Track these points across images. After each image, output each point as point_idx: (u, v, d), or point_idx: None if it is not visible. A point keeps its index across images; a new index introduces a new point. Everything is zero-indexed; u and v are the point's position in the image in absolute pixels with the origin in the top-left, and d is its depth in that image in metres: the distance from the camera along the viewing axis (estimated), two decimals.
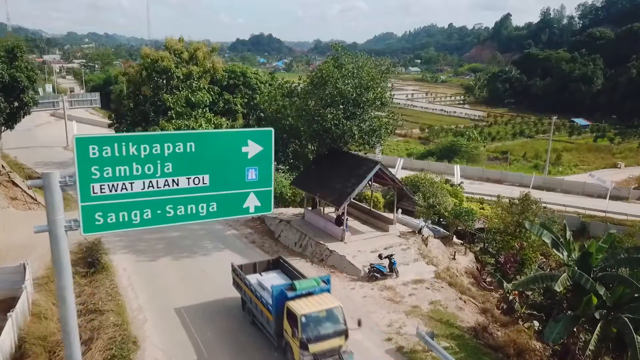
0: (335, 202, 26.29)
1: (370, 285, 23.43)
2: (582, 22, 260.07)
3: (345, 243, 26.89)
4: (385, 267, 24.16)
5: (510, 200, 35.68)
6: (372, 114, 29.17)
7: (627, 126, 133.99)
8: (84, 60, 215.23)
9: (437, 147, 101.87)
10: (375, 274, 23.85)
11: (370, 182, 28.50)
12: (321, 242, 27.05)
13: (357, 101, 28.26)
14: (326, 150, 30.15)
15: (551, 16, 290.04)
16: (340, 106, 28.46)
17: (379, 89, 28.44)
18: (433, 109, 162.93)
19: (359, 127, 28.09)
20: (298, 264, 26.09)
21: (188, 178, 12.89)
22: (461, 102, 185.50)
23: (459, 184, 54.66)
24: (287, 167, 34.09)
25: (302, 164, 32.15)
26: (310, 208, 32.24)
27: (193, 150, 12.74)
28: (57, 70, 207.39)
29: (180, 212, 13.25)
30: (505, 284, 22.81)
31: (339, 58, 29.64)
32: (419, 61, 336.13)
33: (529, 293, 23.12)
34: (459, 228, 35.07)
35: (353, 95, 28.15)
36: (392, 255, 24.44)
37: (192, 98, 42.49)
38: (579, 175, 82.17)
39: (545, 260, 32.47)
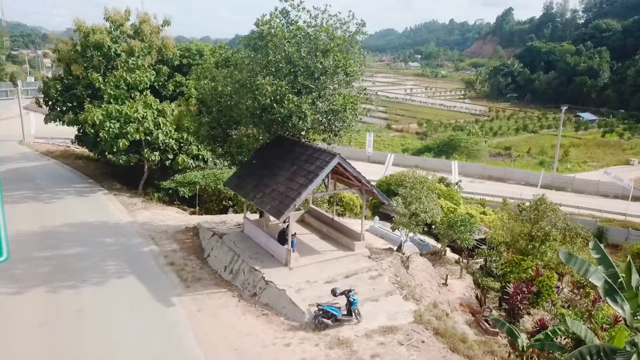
0: (275, 211, 18.42)
1: (316, 339, 15.60)
2: (586, 15, 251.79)
3: (290, 269, 19.04)
4: (340, 308, 16.36)
5: (519, 205, 27.90)
6: (332, 88, 21.20)
7: (637, 120, 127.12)
8: None
9: (434, 143, 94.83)
10: (324, 319, 16.05)
11: (326, 182, 20.73)
12: (256, 267, 19.19)
13: (309, 69, 20.34)
14: (268, 139, 22.32)
15: (554, 10, 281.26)
16: (290, 77, 20.61)
17: (341, 55, 20.44)
18: (432, 104, 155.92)
19: (312, 105, 20.16)
20: (219, 300, 18.35)
21: None
22: (462, 96, 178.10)
23: (457, 183, 46.87)
24: (229, 161, 26.08)
25: (246, 157, 24.27)
26: (258, 216, 24.47)
27: None
28: (49, 65, 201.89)
29: None
30: (519, 339, 15.08)
31: (289, 13, 21.75)
32: (419, 56, 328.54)
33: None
34: (457, 239, 27.24)
35: (306, 62, 20.30)
36: (350, 290, 16.61)
37: (127, 78, 34.64)
38: (590, 173, 74.65)
39: (574, 293, 24.70)
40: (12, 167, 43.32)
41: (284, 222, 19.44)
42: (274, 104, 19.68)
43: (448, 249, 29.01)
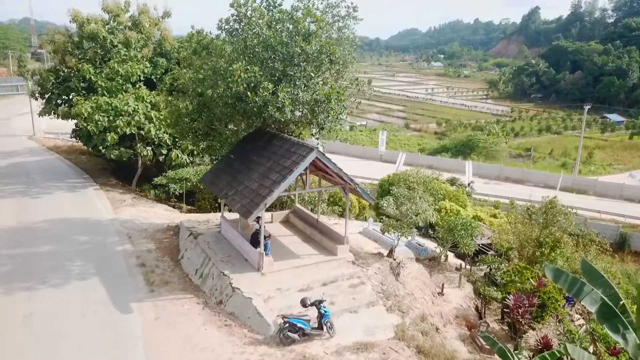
0: (244, 210, 16.66)
1: (279, 355, 13.78)
2: (615, 14, 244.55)
3: (262, 275, 17.25)
4: (309, 321, 14.52)
5: (528, 209, 25.60)
6: (315, 76, 19.28)
7: None
8: None
9: (452, 143, 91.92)
10: (290, 333, 14.21)
11: (304, 178, 18.91)
12: (225, 272, 17.45)
13: (289, 55, 18.50)
14: (243, 131, 20.58)
15: (582, 9, 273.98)
16: (269, 64, 18.84)
17: (325, 40, 18.52)
18: (453, 104, 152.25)
19: (292, 94, 18.31)
20: (183, 307, 16.65)
21: None
22: (484, 96, 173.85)
23: (468, 184, 44.52)
24: (211, 156, 24.35)
25: (226, 152, 22.48)
26: (238, 214, 22.69)
27: None
28: None
29: None
30: None
31: None
32: (442, 56, 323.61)
33: None
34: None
35: (286, 47, 18.47)
36: (322, 301, 14.75)
37: (119, 69, 33.29)
38: (614, 176, 71.02)
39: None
40: (13, 161, 42.63)
41: (256, 221, 17.67)
42: (248, 92, 17.89)
43: (451, 255, 26.91)
